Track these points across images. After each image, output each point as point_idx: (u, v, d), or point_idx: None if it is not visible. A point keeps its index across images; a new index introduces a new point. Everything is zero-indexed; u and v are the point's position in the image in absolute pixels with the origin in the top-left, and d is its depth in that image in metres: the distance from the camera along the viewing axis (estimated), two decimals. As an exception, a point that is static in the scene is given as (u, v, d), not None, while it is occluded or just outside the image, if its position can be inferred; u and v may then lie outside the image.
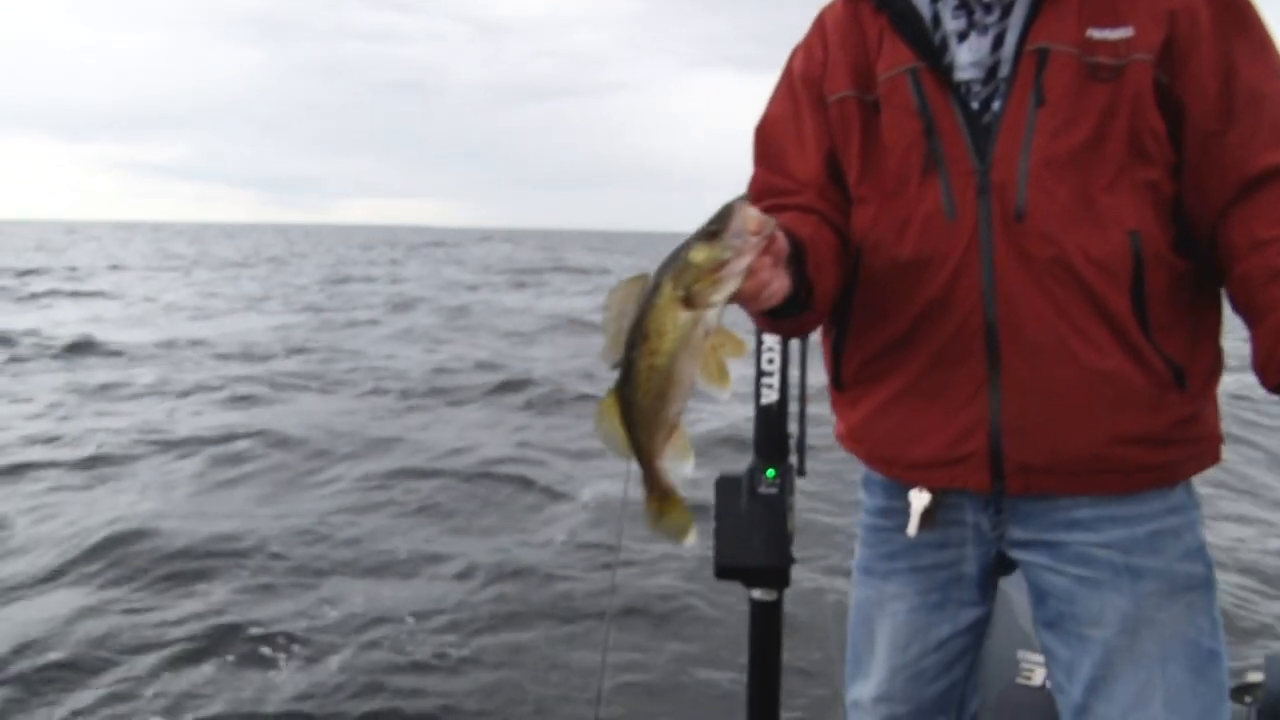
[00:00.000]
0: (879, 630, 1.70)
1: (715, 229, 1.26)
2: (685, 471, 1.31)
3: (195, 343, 14.40)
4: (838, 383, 1.68)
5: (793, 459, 2.30)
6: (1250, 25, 1.45)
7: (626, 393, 1.29)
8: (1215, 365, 1.53)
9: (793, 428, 2.32)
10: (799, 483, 2.32)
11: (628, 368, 1.28)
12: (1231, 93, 1.42)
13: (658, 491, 1.32)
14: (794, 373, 2.31)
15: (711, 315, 1.26)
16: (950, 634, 1.65)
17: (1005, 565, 1.61)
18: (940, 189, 1.50)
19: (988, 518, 1.58)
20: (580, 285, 29.73)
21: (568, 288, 26.65)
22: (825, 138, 1.63)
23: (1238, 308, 1.44)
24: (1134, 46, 1.43)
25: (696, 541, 1.33)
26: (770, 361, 2.32)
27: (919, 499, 1.59)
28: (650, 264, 1.29)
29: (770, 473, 2.24)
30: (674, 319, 1.25)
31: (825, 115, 1.62)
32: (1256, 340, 1.37)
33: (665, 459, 1.30)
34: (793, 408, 2.31)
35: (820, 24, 1.69)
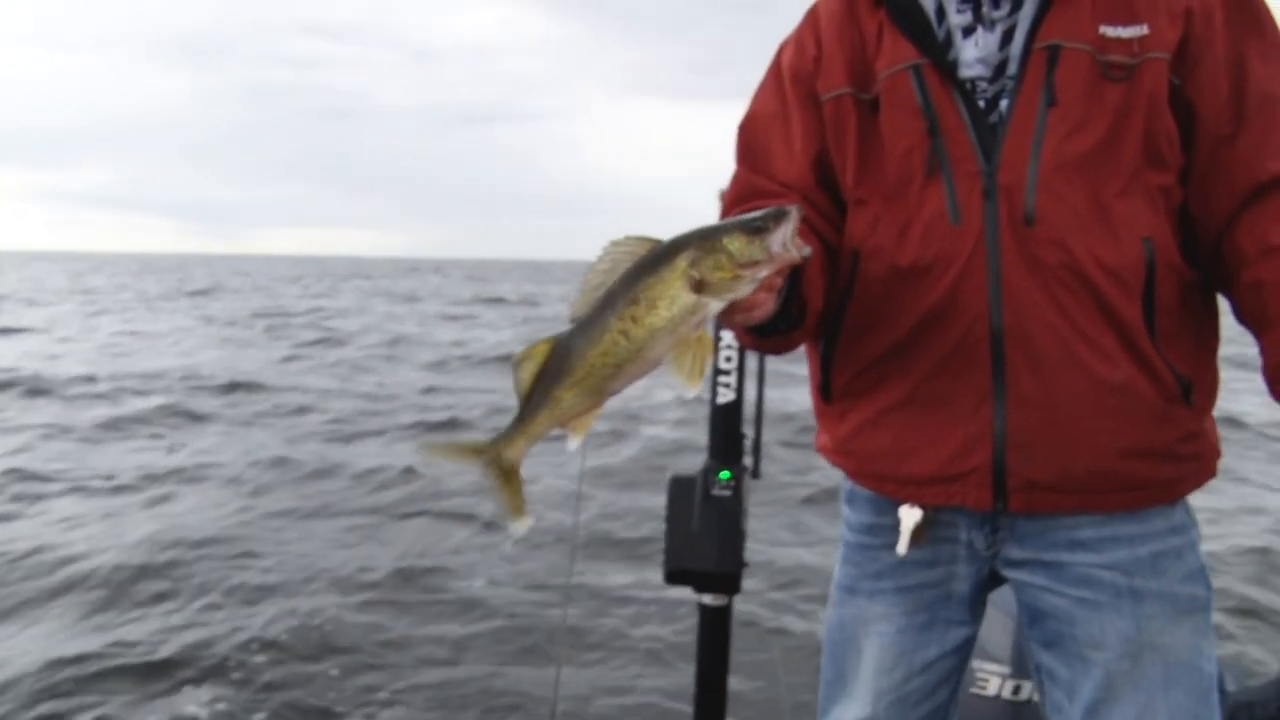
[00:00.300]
0: (864, 652, 1.62)
1: (762, 226, 1.20)
2: (571, 446, 1.25)
3: (115, 377, 13.99)
4: (825, 394, 1.60)
5: (747, 461, 2.28)
6: (1265, 25, 1.42)
7: (576, 344, 1.21)
8: (1216, 379, 1.50)
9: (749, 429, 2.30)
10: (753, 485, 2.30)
11: (593, 323, 1.21)
12: (1243, 96, 1.39)
13: (515, 453, 1.25)
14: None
15: (715, 308, 1.21)
16: (937, 655, 1.58)
17: (994, 581, 1.56)
18: (945, 192, 1.43)
19: (983, 535, 1.51)
20: (510, 317, 29.57)
21: (499, 321, 26.51)
22: (815, 138, 1.55)
23: (1244, 315, 1.41)
24: (1149, 45, 1.38)
25: (525, 531, 1.26)
26: (728, 360, 2.28)
27: (910, 516, 1.52)
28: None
29: (724, 474, 2.22)
30: (675, 296, 1.19)
31: (816, 114, 1.55)
32: (1267, 349, 1.35)
33: (572, 425, 1.23)
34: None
35: (813, 16, 1.61)
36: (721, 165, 1.73)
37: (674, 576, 2.24)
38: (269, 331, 22.55)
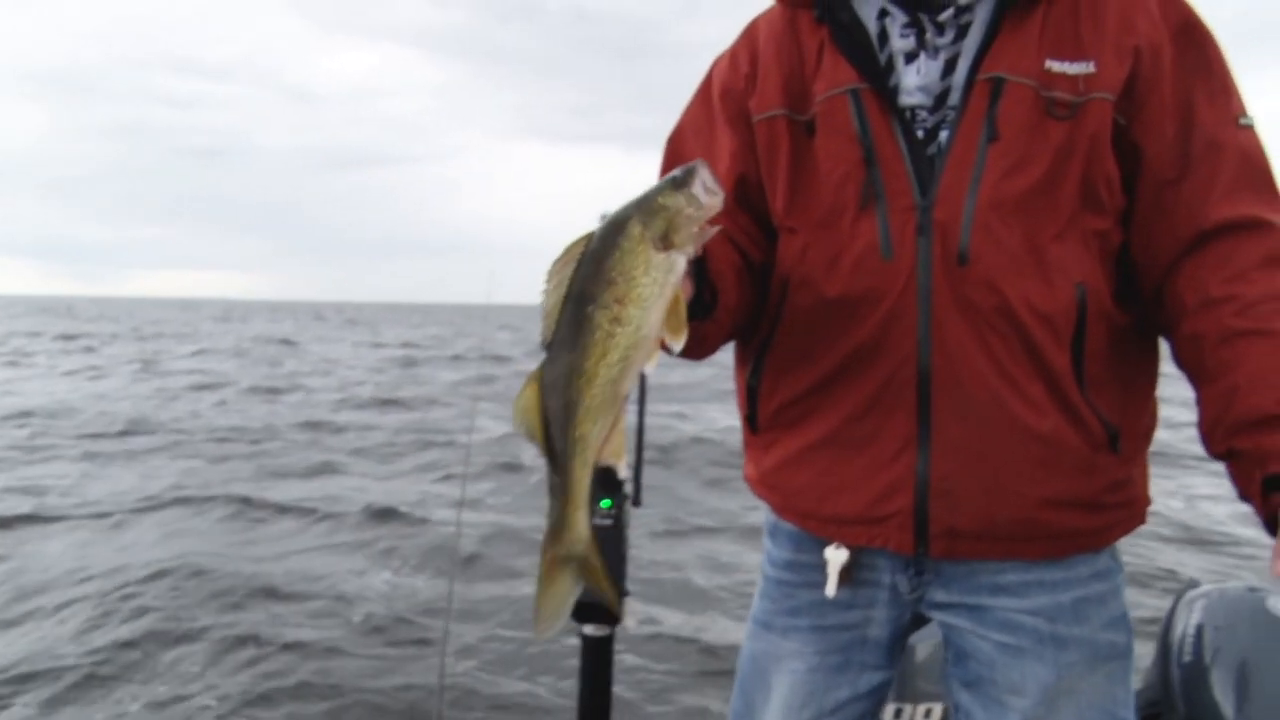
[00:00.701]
0: (774, 688, 1.58)
1: (681, 179, 1.17)
2: (620, 473, 1.18)
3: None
4: (752, 424, 1.55)
5: (628, 488, 2.27)
6: (1213, 67, 1.38)
7: (570, 363, 1.13)
8: (1149, 425, 1.47)
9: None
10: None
11: (580, 328, 1.13)
12: (1189, 140, 1.35)
13: (578, 521, 1.14)
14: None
15: (684, 259, 1.17)
16: (849, 698, 1.54)
17: (916, 624, 1.53)
18: (878, 224, 1.38)
19: (907, 579, 1.48)
20: (375, 357, 29.04)
21: (388, 367, 25.99)
22: (739, 159, 1.49)
23: (1183, 365, 1.38)
24: (1095, 84, 1.34)
25: (635, 624, 1.17)
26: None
27: (837, 556, 1.48)
28: (462, 336, 1.17)
29: (605, 503, 2.20)
30: (648, 260, 1.14)
31: (745, 134, 1.49)
32: (1204, 404, 1.33)
33: (605, 454, 1.15)
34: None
35: (751, 32, 1.55)
36: (603, 207, 1.71)
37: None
38: (136, 378, 21.64)
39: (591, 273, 1.15)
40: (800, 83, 1.46)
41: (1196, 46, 1.38)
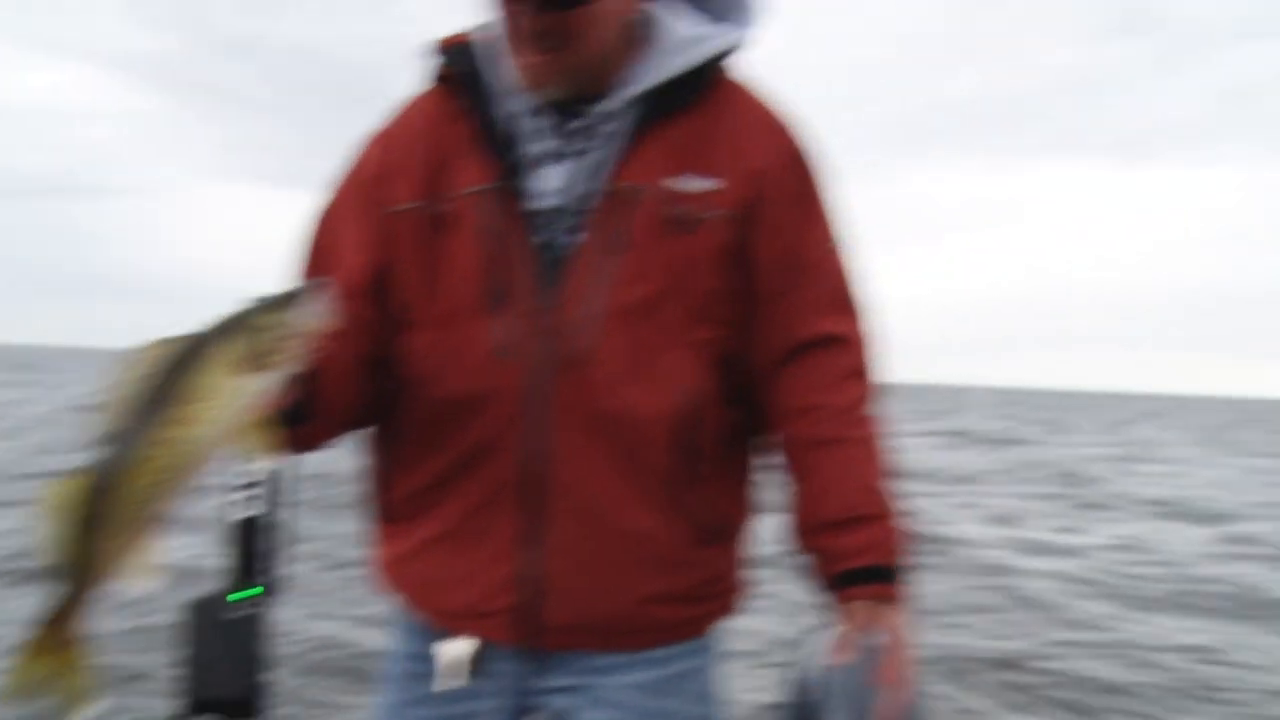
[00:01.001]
0: None
1: (285, 299, 1.16)
2: (146, 588, 1.11)
3: None
4: (380, 511, 1.55)
5: (270, 577, 2.17)
6: (819, 192, 1.49)
7: (114, 475, 1.08)
8: (749, 518, 1.56)
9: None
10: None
11: (131, 441, 1.08)
12: (795, 258, 1.45)
13: (71, 630, 1.08)
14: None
15: (262, 385, 1.14)
16: None
17: (534, 710, 1.56)
18: (499, 326, 1.40)
19: (522, 669, 1.50)
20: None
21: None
22: (373, 249, 1.47)
23: (785, 465, 1.49)
24: (719, 201, 1.41)
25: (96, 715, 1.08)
26: (246, 476, 2.18)
27: (450, 650, 1.50)
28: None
29: (243, 595, 2.10)
30: (222, 382, 1.11)
31: (379, 224, 1.47)
32: (794, 502, 1.45)
33: (128, 573, 1.09)
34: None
35: (399, 118, 1.54)
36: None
37: (199, 707, 2.06)
38: None
39: (171, 381, 1.11)
40: (440, 176, 1.46)
41: (806, 174, 1.49)
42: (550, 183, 1.43)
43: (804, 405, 1.44)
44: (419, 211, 1.46)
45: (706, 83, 1.45)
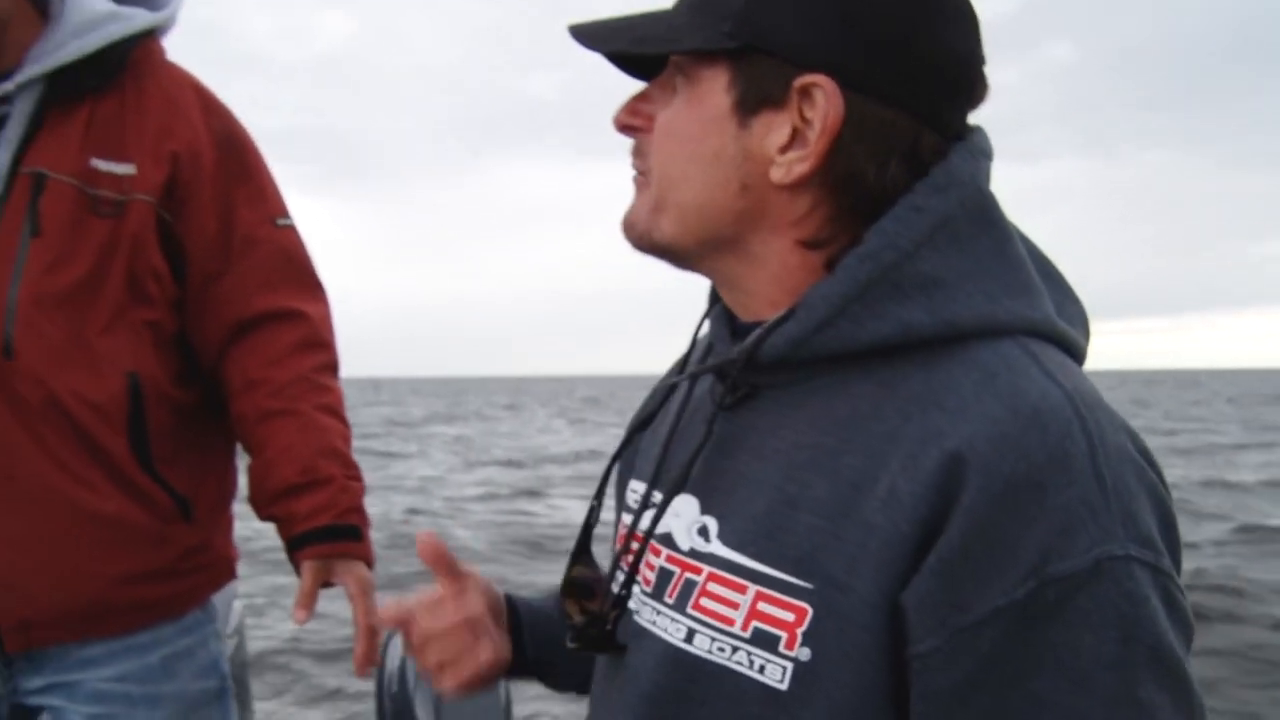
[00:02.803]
0: None
1: None
2: None
3: None
4: None
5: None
6: (251, 172, 1.51)
7: None
8: (227, 491, 1.57)
9: None
10: None
11: None
12: (229, 237, 1.47)
13: None
14: None
15: None
16: None
17: (24, 715, 1.48)
18: None
19: None
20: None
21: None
22: None
23: (239, 441, 1.53)
24: (137, 185, 1.40)
25: None
26: None
27: None
28: None
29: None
30: None
31: None
32: (250, 476, 1.49)
33: None
34: None
35: None
36: None
37: None
38: None
39: None
40: None
41: (237, 153, 1.52)
42: None
43: (255, 379, 1.49)
44: None
45: (119, 64, 1.42)
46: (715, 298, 0.91)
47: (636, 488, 0.94)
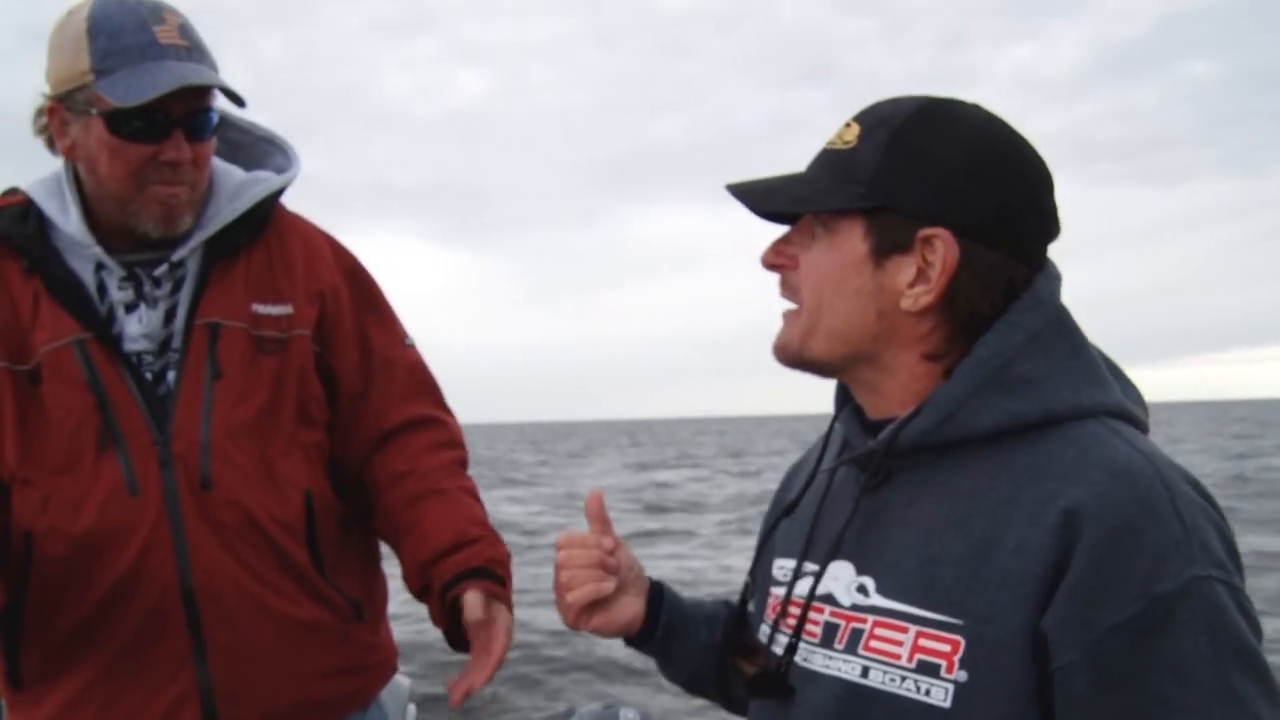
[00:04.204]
0: None
1: None
2: None
3: None
4: (15, 682, 1.53)
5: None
6: (378, 301, 1.73)
7: None
8: (384, 593, 1.76)
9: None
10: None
11: None
12: (369, 360, 1.67)
13: None
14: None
15: None
16: None
17: None
18: (120, 464, 1.47)
19: None
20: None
21: None
22: None
23: (384, 535, 1.68)
24: (295, 322, 1.59)
25: None
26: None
27: None
28: None
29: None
30: None
31: None
32: (403, 558, 1.63)
33: None
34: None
35: None
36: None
37: None
38: None
39: None
40: (17, 334, 1.50)
41: (365, 286, 1.73)
42: (136, 327, 1.53)
43: (397, 473, 1.65)
44: (4, 371, 1.49)
45: (265, 220, 1.62)
46: (841, 402, 1.15)
47: (784, 564, 1.18)
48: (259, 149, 1.71)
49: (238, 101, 1.54)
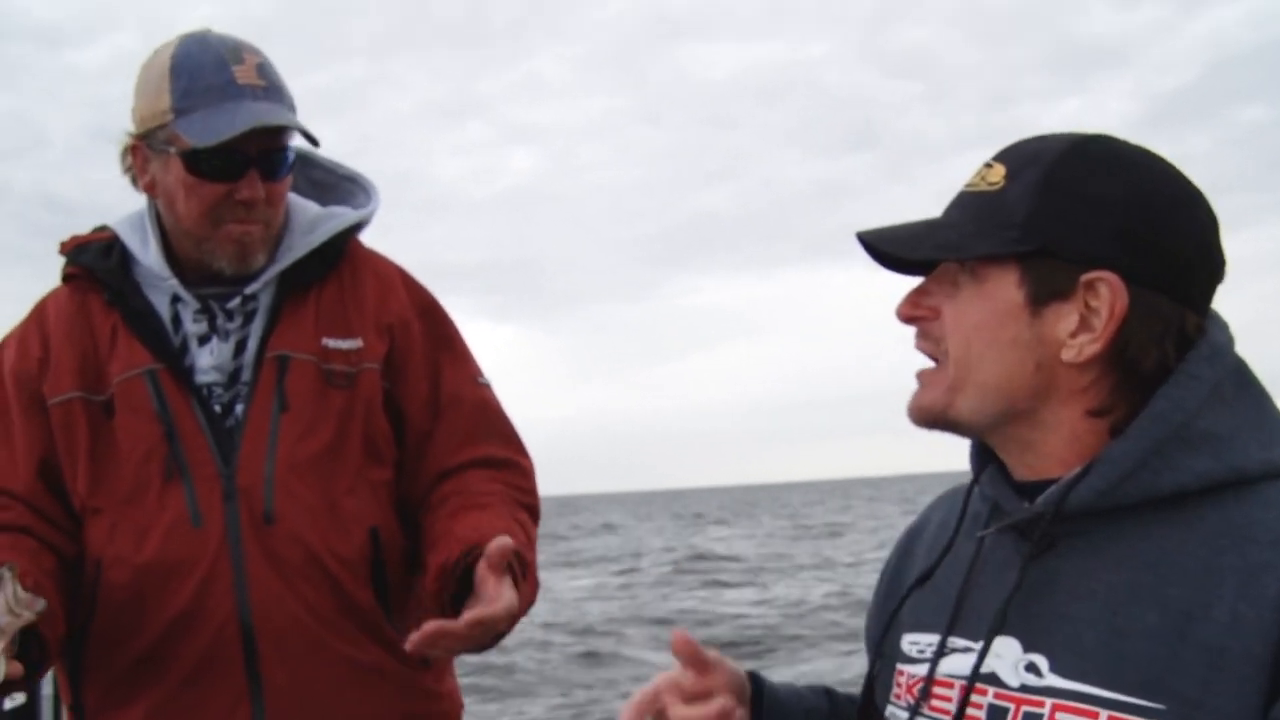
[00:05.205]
0: None
1: None
2: None
3: None
4: (79, 711, 1.53)
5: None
6: (451, 338, 1.66)
7: None
8: None
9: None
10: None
11: None
12: (438, 396, 1.60)
13: None
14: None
15: None
16: None
17: None
18: (184, 495, 1.46)
19: None
20: None
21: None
22: (40, 444, 1.52)
23: (423, 552, 1.53)
24: (364, 356, 1.55)
25: None
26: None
27: None
28: None
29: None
30: None
31: (42, 418, 1.52)
32: (429, 565, 1.47)
33: None
34: None
35: (40, 313, 1.59)
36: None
37: None
38: None
39: None
40: (95, 365, 1.53)
41: (438, 322, 1.67)
42: (207, 360, 1.54)
43: (448, 492, 1.55)
44: (79, 401, 1.51)
45: (338, 254, 1.61)
46: (979, 464, 1.04)
47: (919, 639, 1.05)
48: (342, 188, 1.71)
49: (312, 141, 1.55)
